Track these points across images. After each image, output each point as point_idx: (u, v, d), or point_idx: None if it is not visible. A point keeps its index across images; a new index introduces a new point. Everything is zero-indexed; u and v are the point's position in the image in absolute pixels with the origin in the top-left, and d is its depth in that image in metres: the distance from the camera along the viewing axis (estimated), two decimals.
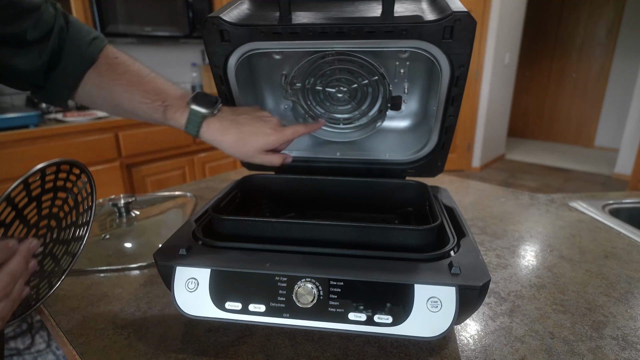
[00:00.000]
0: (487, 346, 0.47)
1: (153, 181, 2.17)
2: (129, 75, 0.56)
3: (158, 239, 0.75)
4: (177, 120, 0.56)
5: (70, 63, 0.53)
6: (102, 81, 0.55)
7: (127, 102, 0.56)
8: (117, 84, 0.55)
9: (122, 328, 0.51)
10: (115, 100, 0.56)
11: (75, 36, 0.53)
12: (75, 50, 0.53)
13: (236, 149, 0.57)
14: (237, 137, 0.57)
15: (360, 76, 0.68)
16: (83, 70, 0.54)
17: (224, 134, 0.56)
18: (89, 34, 0.55)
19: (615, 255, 0.70)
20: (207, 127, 0.56)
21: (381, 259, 0.46)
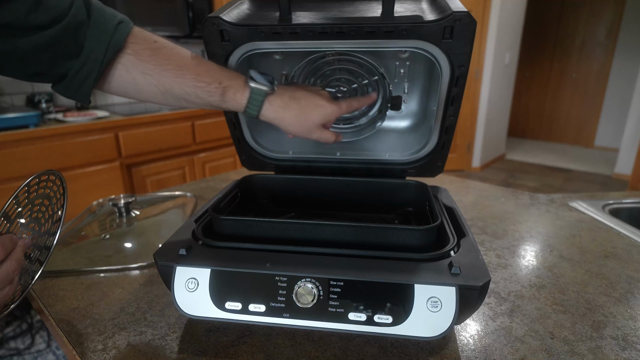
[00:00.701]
0: (487, 346, 0.47)
1: (153, 181, 2.17)
2: (176, 59, 0.53)
3: (158, 239, 0.75)
4: (237, 101, 0.54)
5: (94, 51, 0.49)
6: (147, 67, 0.52)
7: (179, 87, 0.53)
8: (165, 68, 0.52)
9: (122, 328, 0.51)
10: (165, 87, 0.53)
11: (99, 21, 0.49)
12: (100, 37, 0.49)
13: (297, 124, 0.57)
14: (298, 112, 0.56)
15: (360, 76, 0.68)
16: (108, 58, 0.50)
17: (285, 109, 0.56)
18: (114, 18, 0.51)
19: (615, 255, 0.70)
20: (268, 105, 0.55)
21: (381, 259, 0.46)
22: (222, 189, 0.69)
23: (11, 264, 0.38)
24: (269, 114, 0.56)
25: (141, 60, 0.51)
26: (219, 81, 0.53)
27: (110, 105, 2.42)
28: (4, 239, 0.39)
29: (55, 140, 1.79)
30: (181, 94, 0.54)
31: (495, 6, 3.65)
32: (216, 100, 0.54)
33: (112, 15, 0.51)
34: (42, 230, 0.47)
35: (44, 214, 0.47)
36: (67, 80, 0.50)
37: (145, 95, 0.55)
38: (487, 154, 4.27)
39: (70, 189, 0.47)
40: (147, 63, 0.52)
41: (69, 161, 1.84)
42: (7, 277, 0.38)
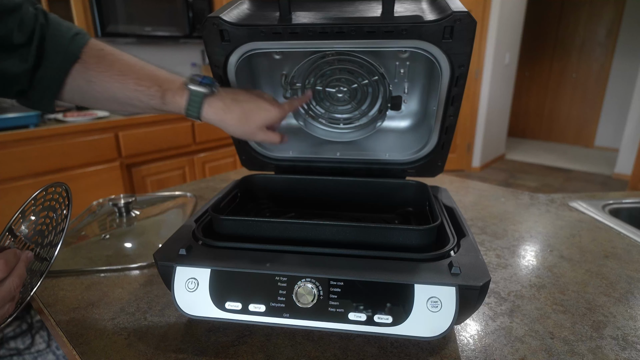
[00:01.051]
0: (487, 346, 0.47)
1: (153, 181, 2.17)
2: (119, 65, 0.54)
3: (158, 239, 0.75)
4: (176, 103, 0.55)
5: (53, 62, 0.51)
6: (91, 75, 0.53)
7: (121, 92, 0.54)
8: (107, 75, 0.53)
9: (122, 328, 0.51)
10: (108, 93, 0.55)
11: (56, 33, 0.51)
12: (57, 48, 0.51)
13: (239, 126, 0.57)
14: (239, 114, 0.56)
15: (360, 76, 0.68)
16: (66, 68, 0.52)
17: (226, 112, 0.56)
18: (70, 30, 0.53)
19: (615, 255, 0.70)
20: (208, 106, 0.55)
21: (381, 259, 0.46)
22: (222, 189, 0.69)
23: (14, 280, 0.38)
24: (210, 115, 0.56)
25: (86, 69, 0.53)
26: (159, 84, 0.55)
27: None
28: (8, 254, 0.39)
29: (55, 140, 1.79)
30: (124, 99, 0.55)
31: (495, 6, 3.65)
32: (157, 103, 0.55)
33: (67, 27, 0.53)
34: (45, 242, 0.47)
35: (47, 226, 0.48)
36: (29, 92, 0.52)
37: (91, 102, 0.57)
38: (487, 154, 4.27)
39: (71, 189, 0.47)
40: (92, 70, 0.53)
41: (69, 161, 1.84)
42: (9, 294, 0.38)
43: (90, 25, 2.02)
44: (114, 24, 2.09)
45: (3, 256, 0.38)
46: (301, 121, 0.76)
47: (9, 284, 0.38)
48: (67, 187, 0.49)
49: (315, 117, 0.75)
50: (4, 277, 0.37)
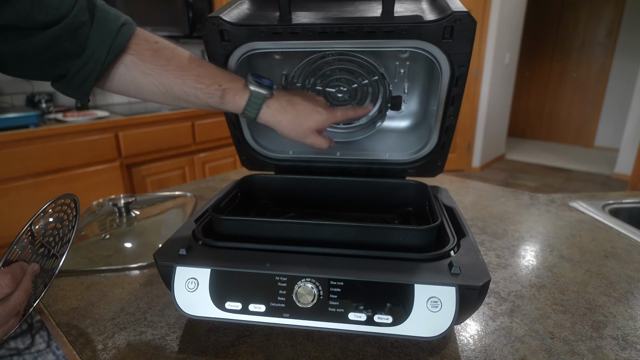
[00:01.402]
0: (487, 346, 0.47)
1: (153, 181, 2.17)
2: (177, 60, 0.54)
3: (158, 239, 0.75)
4: (236, 103, 0.55)
5: (96, 51, 0.49)
6: (148, 67, 0.53)
7: (179, 87, 0.54)
8: (166, 69, 0.53)
9: (122, 328, 0.51)
10: (165, 87, 0.54)
11: (102, 23, 0.50)
12: (103, 38, 0.50)
13: (292, 129, 0.58)
14: (294, 117, 0.57)
15: (360, 76, 0.68)
16: (110, 59, 0.51)
17: (282, 113, 0.57)
18: (118, 20, 0.51)
19: (615, 255, 0.70)
20: (266, 108, 0.56)
21: (381, 259, 0.46)
22: (222, 189, 0.69)
23: (20, 295, 0.38)
24: (267, 117, 0.56)
25: (142, 61, 0.52)
26: (219, 83, 0.54)
27: (110, 105, 2.42)
28: (16, 268, 0.38)
29: (55, 140, 1.79)
30: (181, 95, 0.54)
31: (495, 6, 3.65)
32: (215, 102, 0.55)
33: (115, 16, 0.51)
34: (51, 253, 0.47)
35: (54, 237, 0.48)
36: (67, 79, 0.50)
37: (145, 95, 0.55)
38: (487, 154, 4.27)
39: (70, 189, 0.47)
40: (149, 63, 0.52)
41: (69, 161, 1.84)
42: (14, 309, 0.38)
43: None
44: None
45: (10, 270, 0.37)
46: None
47: (14, 299, 0.38)
48: (75, 198, 0.49)
49: None
50: (10, 292, 0.37)
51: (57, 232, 0.48)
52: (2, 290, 0.36)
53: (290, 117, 0.57)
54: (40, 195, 1.76)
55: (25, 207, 1.74)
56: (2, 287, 0.36)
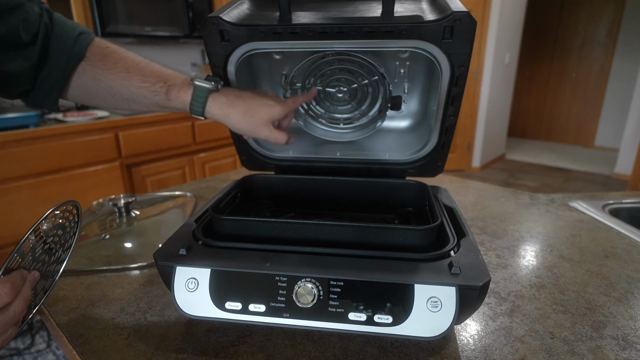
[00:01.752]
0: (487, 346, 0.47)
1: (153, 181, 2.17)
2: (123, 62, 0.55)
3: (158, 239, 0.75)
4: (181, 99, 0.55)
5: (57, 61, 0.52)
6: (97, 72, 0.54)
7: (126, 88, 0.55)
8: (112, 72, 0.54)
9: (122, 328, 0.51)
10: (113, 89, 0.55)
11: (61, 33, 0.52)
12: (62, 47, 0.52)
13: (243, 122, 0.57)
14: (244, 109, 0.56)
15: (360, 76, 0.68)
16: (71, 66, 0.53)
17: (229, 106, 0.56)
18: (75, 30, 0.53)
19: (615, 255, 0.70)
20: (212, 102, 0.55)
21: (381, 259, 0.46)
22: (222, 189, 0.69)
23: (19, 304, 0.38)
24: (214, 110, 0.56)
25: (92, 66, 0.54)
26: (164, 80, 0.55)
27: None
28: (16, 277, 0.38)
29: (55, 140, 1.79)
30: (129, 95, 0.55)
31: (495, 6, 3.65)
32: (162, 100, 0.55)
33: (72, 26, 0.54)
34: (52, 260, 0.47)
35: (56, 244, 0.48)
36: (34, 92, 0.53)
37: (96, 100, 0.57)
38: (487, 154, 4.27)
39: (70, 189, 0.47)
40: (97, 68, 0.54)
41: (69, 161, 1.84)
42: (13, 319, 0.37)
43: (90, 25, 2.02)
44: (114, 24, 2.09)
45: (10, 279, 0.37)
46: (301, 121, 0.76)
47: (14, 308, 0.37)
48: (78, 205, 0.49)
49: (315, 117, 0.75)
50: (10, 301, 0.37)
51: (59, 239, 0.48)
52: (1, 300, 0.36)
53: (240, 110, 0.56)
54: (40, 195, 1.76)
55: (25, 207, 1.74)
56: (2, 297, 0.36)
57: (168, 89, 0.55)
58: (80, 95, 0.56)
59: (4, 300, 0.36)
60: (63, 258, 0.47)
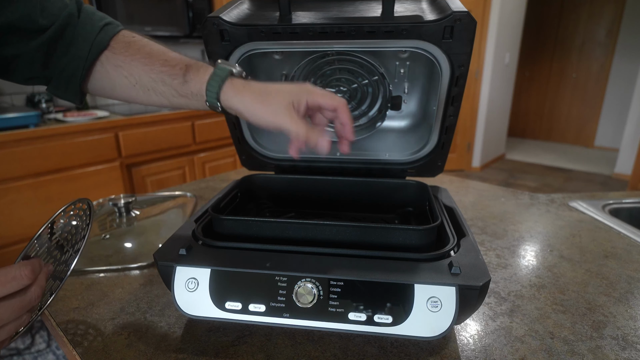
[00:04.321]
0: (487, 346, 0.47)
1: (153, 181, 2.17)
2: (148, 48, 0.53)
3: (158, 239, 0.75)
4: (199, 78, 0.50)
5: (79, 50, 0.50)
6: (119, 59, 0.52)
7: (147, 75, 0.52)
8: (135, 58, 0.52)
9: (122, 328, 0.51)
10: (135, 77, 0.52)
11: (86, 22, 0.51)
12: (86, 37, 0.50)
13: (259, 104, 0.47)
14: (260, 90, 0.48)
15: (360, 76, 0.68)
16: (93, 56, 0.51)
17: (245, 88, 0.48)
18: (102, 20, 0.52)
19: (615, 255, 0.70)
20: (230, 84, 0.48)
21: (381, 259, 0.46)
22: (222, 189, 0.69)
23: (36, 290, 0.37)
24: (229, 93, 0.48)
25: (114, 54, 0.52)
26: (185, 63, 0.52)
27: (110, 105, 2.42)
28: (35, 263, 0.38)
29: (55, 140, 1.79)
30: (150, 83, 0.53)
31: (495, 6, 3.65)
32: (179, 84, 0.51)
33: (100, 17, 0.52)
34: (62, 259, 0.46)
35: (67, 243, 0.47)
36: (55, 80, 0.51)
37: (118, 91, 0.55)
38: (487, 153, 4.27)
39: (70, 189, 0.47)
40: (120, 55, 0.52)
41: (69, 161, 1.84)
42: (30, 303, 0.37)
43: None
44: None
45: (30, 264, 0.37)
46: None
47: (31, 293, 0.37)
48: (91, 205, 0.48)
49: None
50: (29, 284, 0.37)
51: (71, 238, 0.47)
52: (22, 282, 0.36)
53: (256, 90, 0.48)
54: (40, 195, 1.76)
55: (25, 207, 1.74)
56: (22, 278, 0.36)
57: (187, 69, 0.51)
58: (103, 87, 0.54)
59: (24, 282, 0.36)
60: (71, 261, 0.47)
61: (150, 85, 0.53)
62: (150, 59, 0.52)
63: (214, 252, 0.48)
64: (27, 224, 1.73)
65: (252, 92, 0.48)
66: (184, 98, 0.52)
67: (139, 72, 0.52)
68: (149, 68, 0.52)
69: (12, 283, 0.35)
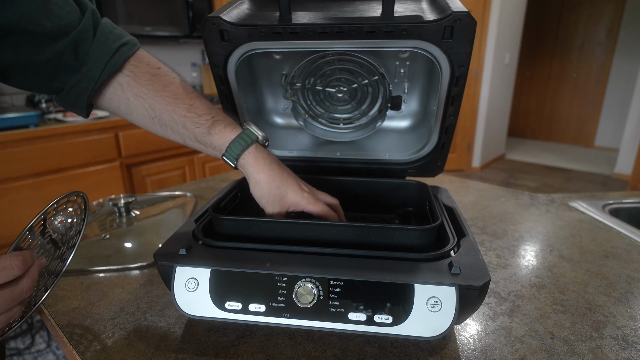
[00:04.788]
0: (487, 346, 0.47)
1: (153, 181, 2.17)
2: (174, 88, 0.53)
3: (158, 239, 0.75)
4: (224, 134, 0.52)
5: (92, 68, 0.50)
6: (142, 91, 0.52)
7: (169, 114, 0.52)
8: (159, 94, 0.52)
9: (122, 328, 0.51)
10: (155, 111, 0.53)
11: (100, 41, 0.50)
12: (99, 56, 0.50)
13: (269, 189, 0.53)
14: (276, 177, 0.53)
15: (360, 76, 0.68)
16: (104, 78, 0.51)
17: (266, 166, 0.53)
18: (118, 40, 0.51)
19: (615, 255, 0.70)
20: (254, 151, 0.52)
21: (381, 259, 0.46)
22: (222, 189, 0.69)
23: (27, 282, 0.37)
24: (249, 159, 0.53)
25: (138, 83, 0.52)
26: (212, 115, 0.53)
27: None
28: (26, 254, 0.37)
29: (55, 140, 1.79)
30: (169, 122, 0.53)
31: (495, 6, 3.65)
32: (201, 133, 0.53)
33: (118, 36, 0.52)
34: (56, 254, 0.46)
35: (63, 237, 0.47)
36: (63, 93, 0.51)
37: (134, 117, 0.55)
38: (487, 153, 4.27)
39: (70, 189, 0.47)
40: (144, 87, 0.52)
41: (69, 161, 1.84)
42: (20, 295, 0.36)
43: None
44: None
45: (21, 254, 0.36)
46: (301, 121, 0.77)
47: (22, 285, 0.36)
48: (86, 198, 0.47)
49: (315, 117, 0.75)
50: (20, 274, 0.36)
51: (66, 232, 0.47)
52: (12, 272, 0.35)
53: (273, 175, 0.53)
54: (40, 195, 1.76)
55: (25, 207, 1.74)
56: (13, 269, 0.35)
57: (214, 122, 0.52)
58: (119, 109, 0.54)
59: (15, 273, 0.36)
60: (66, 256, 0.47)
61: (169, 123, 0.54)
62: (175, 101, 0.52)
63: (214, 252, 0.48)
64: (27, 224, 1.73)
65: (270, 173, 0.53)
66: (201, 145, 0.54)
67: (161, 109, 0.53)
68: (172, 109, 0.52)
69: (2, 273, 0.35)
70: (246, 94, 0.69)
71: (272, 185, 0.54)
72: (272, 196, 0.54)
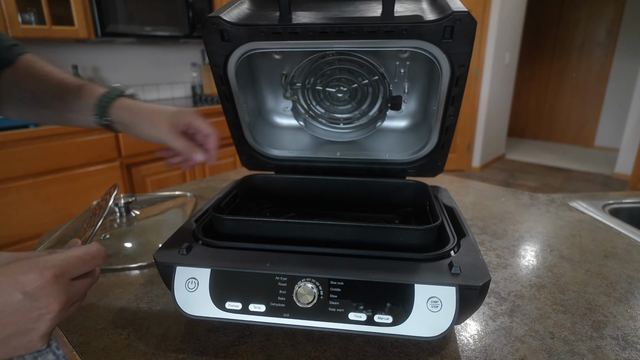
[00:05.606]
0: (487, 346, 0.47)
1: (153, 181, 2.17)
2: (48, 69, 0.60)
3: (158, 239, 0.75)
4: (94, 91, 0.58)
5: None
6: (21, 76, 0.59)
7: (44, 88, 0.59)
8: (37, 75, 0.59)
9: (122, 328, 0.51)
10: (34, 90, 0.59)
11: None
12: None
13: (146, 121, 0.58)
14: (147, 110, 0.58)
15: (361, 76, 0.68)
16: None
17: (135, 106, 0.58)
18: (8, 41, 0.60)
19: (615, 255, 0.70)
20: (121, 100, 0.58)
21: (381, 258, 0.46)
22: (222, 189, 0.69)
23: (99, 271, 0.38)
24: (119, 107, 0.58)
25: (18, 72, 0.59)
26: (82, 83, 0.60)
27: None
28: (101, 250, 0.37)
29: (55, 140, 1.79)
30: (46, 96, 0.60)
31: (495, 6, 3.65)
32: (72, 94, 0.59)
33: (7, 39, 0.60)
34: None
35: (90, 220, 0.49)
36: None
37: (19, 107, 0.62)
38: (487, 153, 4.27)
39: (70, 189, 0.47)
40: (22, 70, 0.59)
41: (69, 161, 1.84)
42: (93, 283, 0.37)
43: (90, 25, 2.02)
44: (114, 24, 2.09)
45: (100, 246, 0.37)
46: (301, 121, 0.77)
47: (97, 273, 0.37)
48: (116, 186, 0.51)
49: (315, 117, 0.75)
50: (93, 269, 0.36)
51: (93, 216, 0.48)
52: (99, 262, 0.36)
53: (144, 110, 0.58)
54: (40, 195, 1.76)
55: (25, 207, 1.74)
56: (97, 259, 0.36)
57: (83, 85, 0.59)
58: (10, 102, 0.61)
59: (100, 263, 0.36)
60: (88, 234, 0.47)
61: (46, 98, 0.60)
62: (48, 77, 0.59)
63: (214, 252, 0.48)
64: (27, 224, 1.73)
65: (140, 109, 0.58)
66: (75, 113, 0.60)
67: (37, 85, 0.59)
68: (48, 79, 0.59)
69: (93, 262, 0.36)
70: (246, 93, 0.69)
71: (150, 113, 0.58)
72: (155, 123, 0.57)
